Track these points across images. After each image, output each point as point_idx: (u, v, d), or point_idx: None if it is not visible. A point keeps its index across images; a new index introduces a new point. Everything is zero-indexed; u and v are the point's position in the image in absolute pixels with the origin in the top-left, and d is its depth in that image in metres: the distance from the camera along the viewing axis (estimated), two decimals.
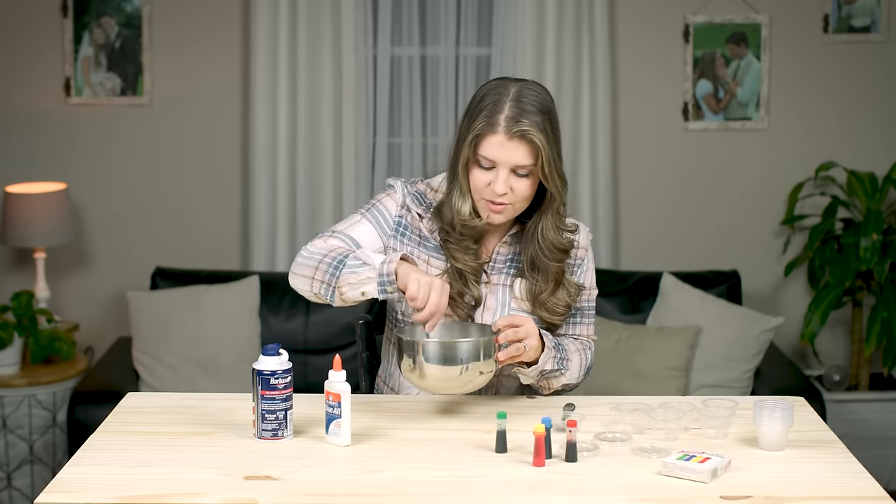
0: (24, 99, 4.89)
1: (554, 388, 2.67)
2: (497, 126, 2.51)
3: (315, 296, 2.56)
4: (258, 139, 4.83)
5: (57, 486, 2.18)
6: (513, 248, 2.69)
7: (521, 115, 2.51)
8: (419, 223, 2.67)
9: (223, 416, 2.54)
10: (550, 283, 2.64)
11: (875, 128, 5.00)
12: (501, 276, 2.68)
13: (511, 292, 2.67)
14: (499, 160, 2.53)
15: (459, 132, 2.59)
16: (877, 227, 4.62)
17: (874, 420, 4.73)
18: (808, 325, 4.63)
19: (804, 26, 4.95)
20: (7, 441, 4.47)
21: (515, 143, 2.51)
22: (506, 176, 2.53)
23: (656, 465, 2.28)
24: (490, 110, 2.52)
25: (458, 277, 2.62)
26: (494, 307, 2.66)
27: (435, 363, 2.44)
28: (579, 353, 2.70)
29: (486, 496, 2.16)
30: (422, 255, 2.66)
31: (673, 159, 5.00)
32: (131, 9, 4.85)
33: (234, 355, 4.45)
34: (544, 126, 2.52)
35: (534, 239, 2.63)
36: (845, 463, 2.33)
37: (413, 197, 2.68)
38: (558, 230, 2.63)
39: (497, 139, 2.52)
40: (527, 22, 4.79)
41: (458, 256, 2.62)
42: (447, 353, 2.44)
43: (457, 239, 2.62)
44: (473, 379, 2.47)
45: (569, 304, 2.67)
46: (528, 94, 2.54)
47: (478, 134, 2.53)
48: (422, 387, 2.49)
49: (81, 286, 4.97)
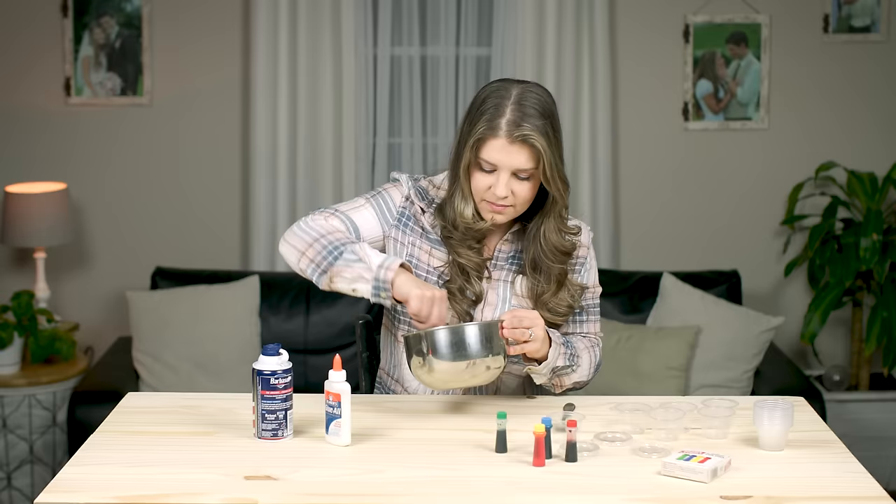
0: (24, 99, 4.89)
1: (566, 385, 2.67)
2: (499, 130, 2.51)
3: (300, 270, 2.58)
4: (258, 139, 4.83)
5: (57, 486, 2.18)
6: (514, 246, 2.69)
7: (522, 119, 2.51)
8: (422, 217, 2.67)
9: (223, 416, 2.54)
10: (553, 284, 2.64)
11: (875, 128, 5.00)
12: (503, 273, 2.68)
13: (512, 289, 2.67)
14: (500, 164, 2.53)
15: (460, 135, 2.59)
16: (877, 227, 4.62)
17: (874, 420, 4.73)
18: (808, 325, 4.63)
19: (804, 26, 4.95)
20: (7, 441, 4.47)
21: (517, 147, 2.51)
22: (507, 179, 2.54)
23: (656, 465, 2.28)
24: (492, 114, 2.52)
25: (460, 273, 2.63)
26: (495, 303, 2.66)
27: (444, 355, 2.43)
28: (588, 351, 2.70)
29: (486, 496, 2.16)
30: (424, 247, 2.66)
31: (673, 159, 5.00)
32: (131, 9, 4.85)
33: (234, 355, 4.45)
34: (546, 130, 2.52)
35: (536, 241, 2.63)
36: (845, 463, 2.33)
37: (416, 191, 2.68)
38: (560, 233, 2.63)
39: (498, 143, 2.52)
40: (527, 22, 4.79)
41: (461, 252, 2.63)
42: (455, 338, 2.43)
43: (459, 238, 2.63)
44: (480, 373, 2.47)
45: (571, 305, 2.67)
46: (529, 97, 2.54)
47: (479, 138, 2.53)
48: (431, 383, 2.49)
49: (81, 286, 4.97)
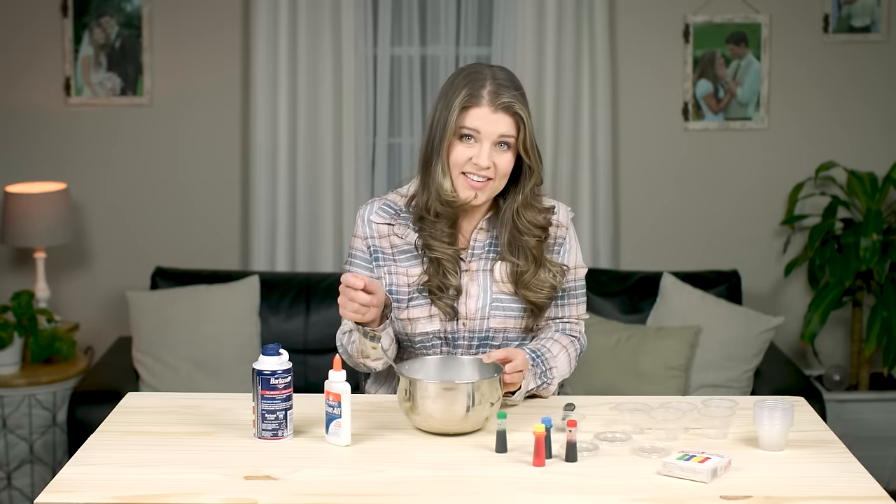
0: (24, 99, 4.89)
1: (551, 392, 2.70)
2: (481, 99, 2.58)
3: (363, 368, 2.72)
4: (258, 139, 4.83)
5: (57, 486, 2.18)
6: (490, 234, 2.71)
7: (501, 90, 2.59)
8: (389, 234, 2.70)
9: (223, 416, 2.54)
10: (531, 262, 2.66)
11: (875, 128, 5.00)
12: (481, 262, 2.69)
13: (491, 276, 2.68)
14: (483, 131, 2.58)
15: (435, 114, 2.64)
16: (877, 227, 4.62)
17: (874, 420, 4.73)
18: (808, 325, 4.63)
19: (804, 26, 4.95)
20: (7, 441, 4.47)
21: (500, 115, 2.58)
22: (489, 149, 2.58)
23: (656, 465, 2.28)
24: (471, 87, 2.59)
25: (436, 271, 2.64)
26: (476, 294, 2.67)
27: (438, 408, 2.41)
28: (565, 350, 2.72)
29: (486, 496, 2.16)
30: (399, 270, 2.68)
31: (673, 159, 5.00)
32: (131, 9, 4.85)
33: (234, 355, 4.45)
34: (523, 101, 2.61)
35: (509, 218, 2.66)
36: (845, 463, 2.33)
37: (380, 211, 2.72)
38: (534, 208, 2.67)
39: (481, 112, 2.58)
40: (527, 22, 4.79)
41: (434, 245, 2.65)
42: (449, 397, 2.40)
43: (431, 223, 2.64)
44: (470, 424, 2.45)
45: (553, 286, 2.68)
46: (502, 74, 2.63)
47: (463, 107, 2.57)
48: (419, 426, 2.48)
49: (81, 286, 4.97)
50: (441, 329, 2.67)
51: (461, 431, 2.44)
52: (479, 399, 2.40)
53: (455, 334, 2.68)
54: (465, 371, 2.56)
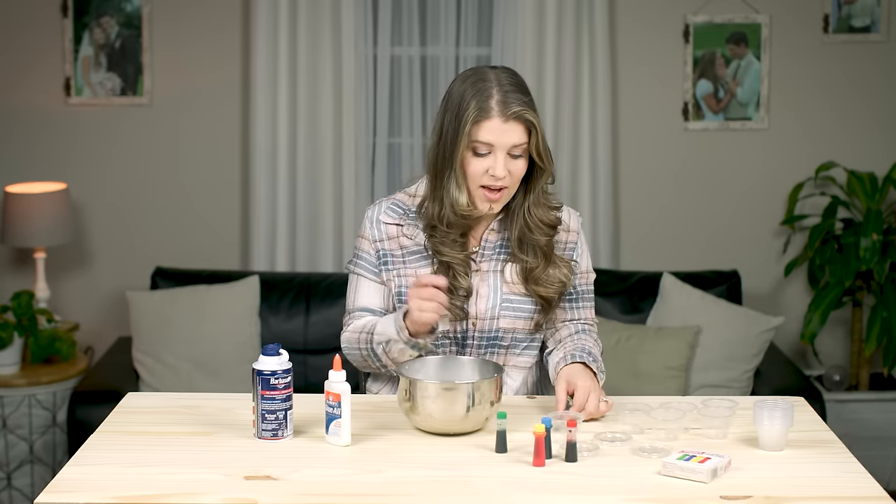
0: (24, 99, 4.89)
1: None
2: (490, 112, 2.56)
3: (375, 368, 2.69)
4: (258, 139, 4.83)
5: (57, 486, 2.18)
6: (501, 235, 2.72)
7: (509, 97, 2.57)
8: (399, 235, 2.70)
9: (223, 416, 2.54)
10: (541, 259, 2.67)
11: (875, 128, 5.00)
12: (492, 263, 2.70)
13: (502, 277, 2.69)
14: (497, 143, 2.57)
15: (443, 127, 2.62)
16: (877, 227, 4.62)
17: (874, 420, 4.73)
18: (808, 325, 4.63)
19: (804, 26, 4.95)
20: (7, 441, 4.47)
21: (511, 124, 2.57)
22: (504, 159, 2.57)
23: (656, 465, 2.28)
24: (479, 99, 2.57)
25: (446, 272, 2.64)
26: (487, 294, 2.68)
27: (437, 408, 2.41)
28: (596, 345, 2.74)
29: (486, 496, 2.16)
30: (408, 272, 2.68)
31: (673, 159, 5.00)
32: (131, 9, 4.85)
33: (234, 355, 4.45)
34: (531, 104, 2.60)
35: (520, 217, 2.67)
36: (845, 463, 2.33)
37: (388, 211, 2.71)
38: (544, 206, 2.67)
39: (493, 124, 2.56)
40: (527, 22, 4.79)
41: (443, 251, 2.65)
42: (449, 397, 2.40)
43: (443, 233, 2.64)
44: (470, 424, 2.45)
45: (563, 282, 2.69)
46: (506, 77, 2.61)
47: (474, 122, 2.56)
48: (419, 426, 2.48)
49: (81, 286, 4.97)
50: (451, 329, 2.67)
51: (461, 431, 2.44)
52: (479, 399, 2.41)
53: (465, 334, 2.68)
54: (464, 371, 2.56)
